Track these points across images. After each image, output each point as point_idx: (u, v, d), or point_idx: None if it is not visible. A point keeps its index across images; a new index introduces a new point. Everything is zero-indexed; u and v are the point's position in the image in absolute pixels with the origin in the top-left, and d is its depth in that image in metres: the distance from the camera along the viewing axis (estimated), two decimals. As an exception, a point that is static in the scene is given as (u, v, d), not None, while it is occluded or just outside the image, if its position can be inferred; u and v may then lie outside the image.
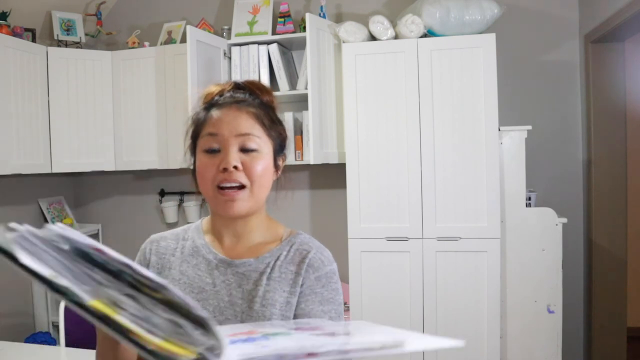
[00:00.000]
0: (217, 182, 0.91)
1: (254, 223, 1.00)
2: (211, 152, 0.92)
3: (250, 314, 0.91)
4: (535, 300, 2.49)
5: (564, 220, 2.47)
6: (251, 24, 2.98)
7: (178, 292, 0.56)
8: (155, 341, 0.52)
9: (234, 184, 0.91)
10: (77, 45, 3.13)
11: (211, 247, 0.99)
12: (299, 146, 2.85)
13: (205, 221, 1.06)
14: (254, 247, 0.99)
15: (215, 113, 0.95)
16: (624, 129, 2.72)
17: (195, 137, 0.97)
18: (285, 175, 1.07)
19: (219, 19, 3.27)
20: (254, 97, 0.99)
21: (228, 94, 0.98)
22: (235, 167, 0.90)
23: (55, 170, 2.95)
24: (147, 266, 0.98)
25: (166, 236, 1.03)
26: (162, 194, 3.41)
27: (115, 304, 0.57)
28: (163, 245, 1.00)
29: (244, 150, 0.93)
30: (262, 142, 0.95)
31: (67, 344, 2.17)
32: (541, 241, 2.47)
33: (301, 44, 2.92)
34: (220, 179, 0.91)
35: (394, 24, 2.61)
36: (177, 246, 1.01)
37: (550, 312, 2.46)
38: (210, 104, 0.98)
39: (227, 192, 0.91)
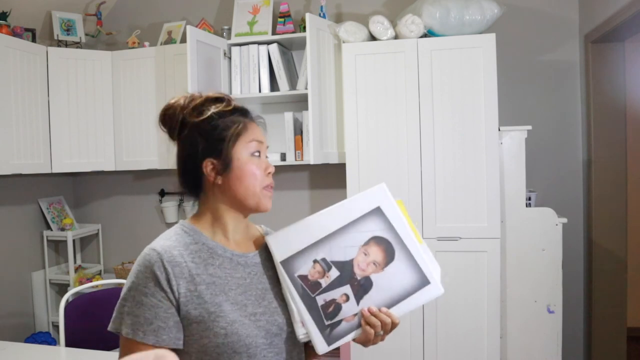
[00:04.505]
0: (264, 182, 1.05)
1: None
2: (256, 156, 1.05)
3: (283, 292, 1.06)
4: (535, 300, 2.49)
5: (564, 220, 2.47)
6: (251, 24, 2.98)
7: None
8: None
9: (272, 184, 1.07)
10: (77, 45, 3.13)
11: (224, 246, 1.05)
12: (299, 146, 2.85)
13: (193, 223, 1.07)
14: (255, 241, 1.13)
15: (250, 122, 1.07)
16: (624, 129, 2.72)
17: (225, 138, 1.03)
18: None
19: (219, 19, 3.27)
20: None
21: (239, 106, 1.08)
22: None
23: (55, 170, 2.95)
24: (170, 277, 0.95)
25: (170, 245, 1.00)
26: (162, 194, 3.41)
27: None
28: (175, 254, 0.98)
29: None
30: None
31: (67, 344, 2.17)
32: (541, 241, 2.48)
33: (301, 44, 2.92)
34: (267, 180, 1.06)
35: (394, 24, 2.61)
36: (189, 252, 1.01)
37: (550, 312, 2.46)
38: (234, 110, 1.06)
39: (270, 190, 1.06)
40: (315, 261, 1.03)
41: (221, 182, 1.03)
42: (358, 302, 1.02)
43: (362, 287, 1.02)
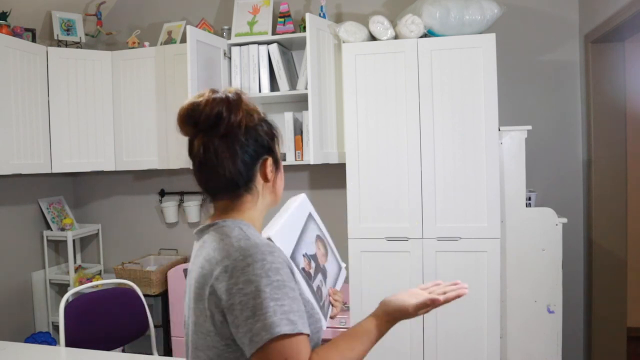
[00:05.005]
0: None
1: None
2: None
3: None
4: (535, 300, 2.49)
5: (564, 220, 2.47)
6: (251, 24, 2.98)
7: None
8: None
9: None
10: (77, 45, 3.13)
11: None
12: (299, 146, 2.85)
13: (246, 220, 1.02)
14: None
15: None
16: (624, 129, 2.72)
17: (275, 137, 1.05)
18: None
19: (219, 19, 3.27)
20: None
21: None
22: None
23: (55, 170, 2.95)
24: (294, 270, 0.98)
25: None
26: (162, 194, 3.41)
27: None
28: None
29: None
30: None
31: (67, 344, 2.17)
32: (541, 241, 2.48)
33: (301, 44, 2.92)
34: None
35: (394, 24, 2.61)
36: None
37: (550, 312, 2.46)
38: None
39: None
40: (304, 255, 1.15)
41: (272, 180, 1.04)
42: (326, 285, 1.23)
43: (324, 274, 1.23)
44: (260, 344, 0.82)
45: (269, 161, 1.02)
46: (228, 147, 0.96)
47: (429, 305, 1.03)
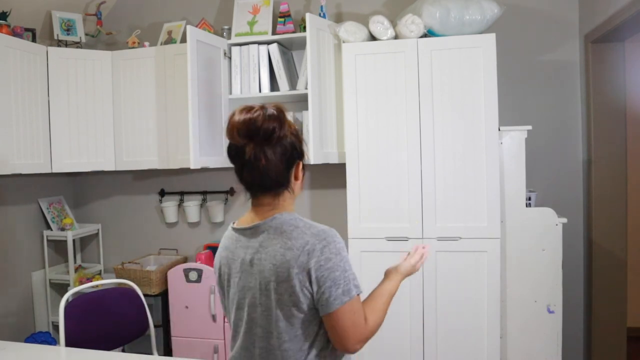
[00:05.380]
0: None
1: None
2: None
3: None
4: (535, 300, 2.49)
5: (564, 220, 2.47)
6: (251, 23, 2.98)
7: None
8: None
9: None
10: (77, 45, 3.13)
11: None
12: (299, 146, 2.84)
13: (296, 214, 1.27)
14: None
15: None
16: (624, 129, 2.72)
17: (303, 142, 1.28)
18: None
19: (219, 19, 3.27)
20: None
21: None
22: None
23: (55, 170, 2.95)
24: None
25: None
26: (162, 194, 3.41)
27: None
28: None
29: None
30: None
31: (67, 344, 2.17)
32: (541, 241, 2.48)
33: (301, 44, 2.92)
34: None
35: (394, 24, 2.61)
36: None
37: (550, 312, 2.47)
38: None
39: None
40: None
41: (300, 178, 1.28)
42: None
43: None
44: (341, 305, 1.15)
45: (300, 164, 1.26)
46: (276, 155, 1.18)
47: (419, 258, 1.47)
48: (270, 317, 1.19)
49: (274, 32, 2.94)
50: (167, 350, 3.05)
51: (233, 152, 1.20)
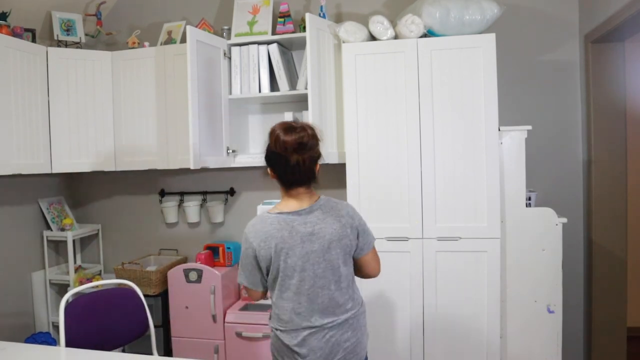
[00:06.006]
0: None
1: None
2: None
3: None
4: (535, 300, 2.49)
5: (564, 220, 2.47)
6: (251, 24, 2.98)
7: None
8: None
9: None
10: (77, 45, 3.13)
11: None
12: (299, 146, 2.84)
13: None
14: None
15: None
16: (624, 129, 2.72)
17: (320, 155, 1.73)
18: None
19: (219, 19, 3.27)
20: None
21: None
22: None
23: (55, 170, 2.95)
24: None
25: None
26: (162, 194, 3.41)
27: None
28: None
29: None
30: None
31: (67, 344, 2.17)
32: (541, 241, 2.48)
33: (301, 44, 2.92)
34: None
35: (394, 24, 2.61)
36: None
37: (550, 312, 2.47)
38: None
39: None
40: None
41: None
42: None
43: None
44: (372, 247, 1.78)
45: (319, 165, 1.71)
46: (311, 160, 1.66)
47: None
48: (333, 268, 1.64)
49: (273, 32, 2.94)
50: (167, 351, 3.05)
51: (275, 157, 1.62)
